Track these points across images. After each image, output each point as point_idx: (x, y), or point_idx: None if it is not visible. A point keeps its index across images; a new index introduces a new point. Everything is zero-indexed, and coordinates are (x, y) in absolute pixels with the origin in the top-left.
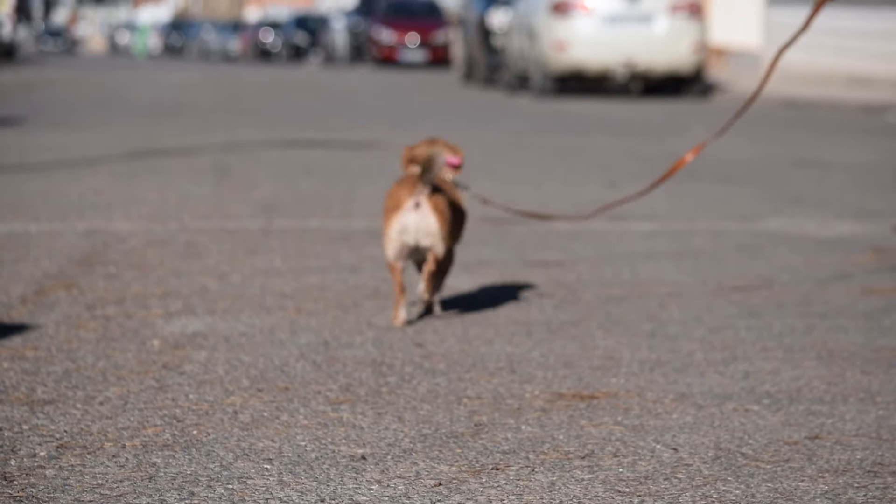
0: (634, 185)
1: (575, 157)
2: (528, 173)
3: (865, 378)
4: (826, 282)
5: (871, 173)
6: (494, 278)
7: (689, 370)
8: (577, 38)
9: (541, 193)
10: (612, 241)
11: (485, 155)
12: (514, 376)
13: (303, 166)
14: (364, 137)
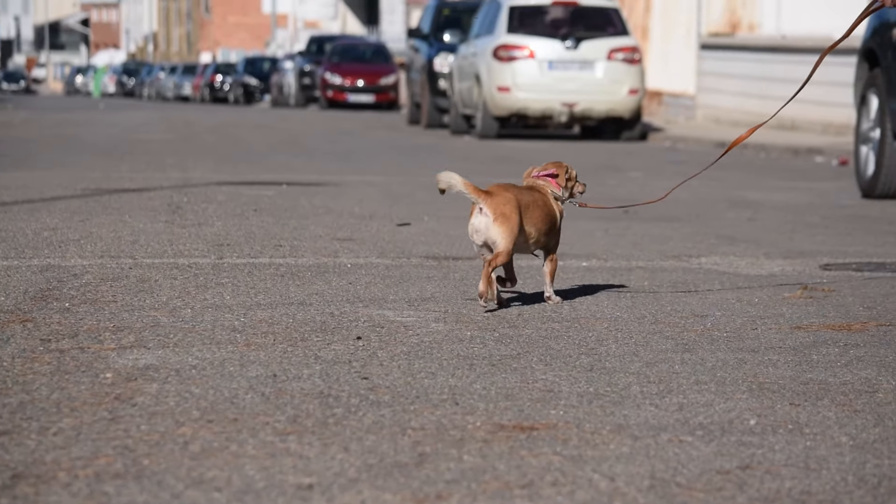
0: (573, 223)
1: None
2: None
3: (794, 410)
4: (757, 318)
5: (801, 213)
6: (438, 313)
7: (626, 402)
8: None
9: None
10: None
11: (429, 193)
12: (457, 408)
13: (253, 204)
14: (313, 177)
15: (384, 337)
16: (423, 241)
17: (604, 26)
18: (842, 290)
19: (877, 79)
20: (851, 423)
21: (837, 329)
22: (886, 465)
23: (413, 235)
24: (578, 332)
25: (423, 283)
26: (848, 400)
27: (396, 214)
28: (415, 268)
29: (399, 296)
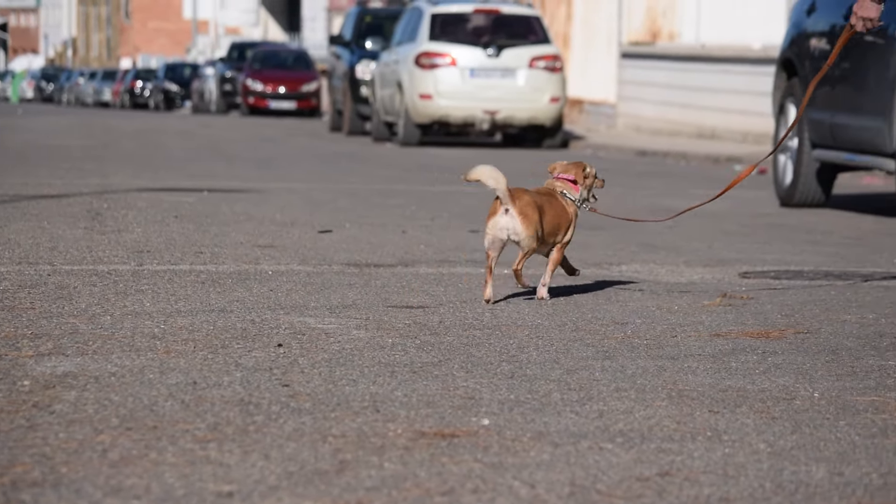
0: None
1: (438, 204)
2: (393, 219)
3: (713, 417)
4: (677, 325)
5: (720, 222)
6: (359, 320)
7: (547, 409)
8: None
9: (405, 239)
10: (474, 285)
11: (351, 201)
12: (378, 415)
13: (174, 211)
14: (234, 183)
15: (305, 344)
16: (345, 248)
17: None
18: (760, 297)
19: (795, 88)
20: (769, 430)
21: (756, 336)
22: (803, 471)
23: (334, 242)
24: (499, 340)
25: (345, 290)
26: (766, 407)
27: (318, 221)
28: (336, 275)
29: (320, 303)
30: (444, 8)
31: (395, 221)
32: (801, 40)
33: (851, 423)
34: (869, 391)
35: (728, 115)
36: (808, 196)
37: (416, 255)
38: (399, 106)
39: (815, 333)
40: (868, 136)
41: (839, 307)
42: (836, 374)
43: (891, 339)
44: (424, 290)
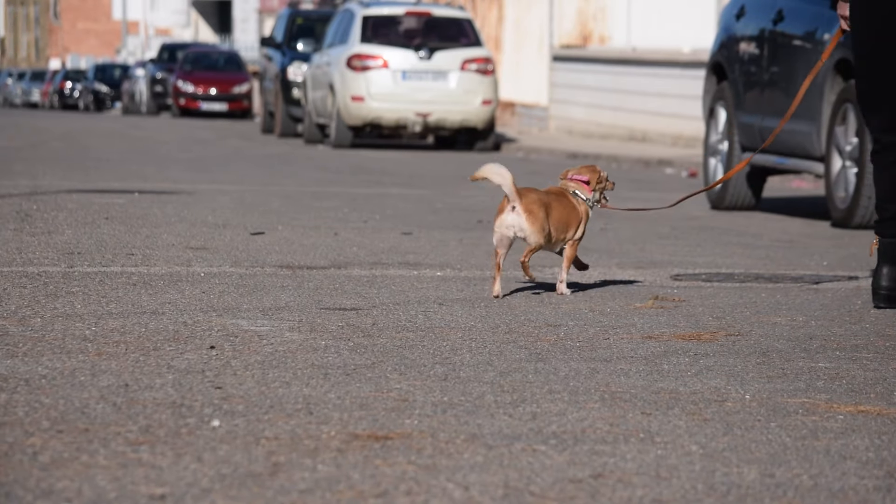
0: (429, 234)
1: (371, 206)
2: (326, 221)
3: (646, 419)
4: (609, 328)
5: (651, 224)
6: (292, 322)
7: (480, 412)
8: (374, 92)
9: (338, 241)
10: (407, 288)
11: (283, 202)
12: (311, 417)
13: (104, 213)
14: (165, 185)
15: (238, 346)
16: (278, 250)
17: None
18: (692, 300)
19: (724, 92)
20: (701, 432)
21: (687, 339)
22: (735, 473)
23: (267, 244)
24: (433, 342)
25: (278, 292)
26: (698, 409)
27: (250, 223)
28: (269, 277)
29: (253, 305)
30: (375, 10)
31: (327, 223)
32: (730, 44)
33: (782, 424)
34: (799, 393)
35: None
36: (739, 199)
37: (349, 257)
38: (331, 108)
39: (746, 335)
40: (797, 139)
41: (769, 309)
42: (766, 375)
43: (821, 341)
44: (357, 293)
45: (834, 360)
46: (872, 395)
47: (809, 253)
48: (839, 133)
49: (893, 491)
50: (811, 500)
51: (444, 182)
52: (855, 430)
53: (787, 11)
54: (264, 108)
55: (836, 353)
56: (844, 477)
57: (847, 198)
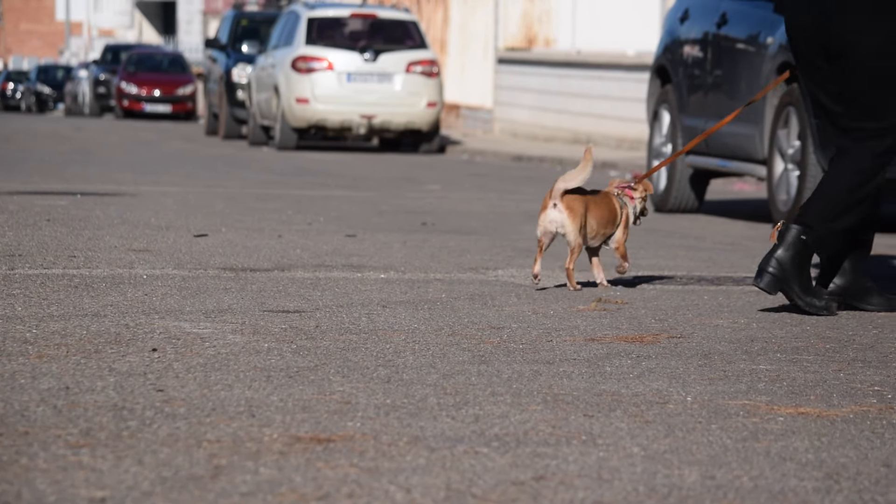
0: (373, 236)
1: (315, 209)
2: (270, 224)
3: (588, 421)
4: (552, 330)
5: None
6: (235, 325)
7: (423, 414)
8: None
9: (282, 244)
10: (350, 290)
11: (227, 204)
12: (254, 420)
13: (46, 214)
14: (108, 187)
15: (180, 349)
16: (221, 252)
17: (402, 39)
18: (634, 302)
19: (668, 95)
20: (643, 434)
21: (630, 341)
22: (676, 475)
23: (210, 247)
24: (376, 344)
25: (220, 294)
26: (640, 411)
27: (193, 225)
28: (212, 279)
29: (196, 307)
30: (320, 12)
31: (271, 226)
32: (674, 47)
33: (723, 426)
34: (740, 395)
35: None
36: (682, 201)
37: (293, 260)
38: (276, 110)
39: (688, 338)
40: (740, 142)
41: (711, 312)
42: (708, 378)
43: (762, 343)
44: (301, 295)
45: (775, 363)
46: (812, 397)
47: (752, 255)
48: (781, 136)
49: (833, 492)
50: (751, 502)
51: (388, 184)
52: (795, 431)
53: (730, 15)
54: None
55: (776, 356)
56: (784, 478)
57: (789, 200)
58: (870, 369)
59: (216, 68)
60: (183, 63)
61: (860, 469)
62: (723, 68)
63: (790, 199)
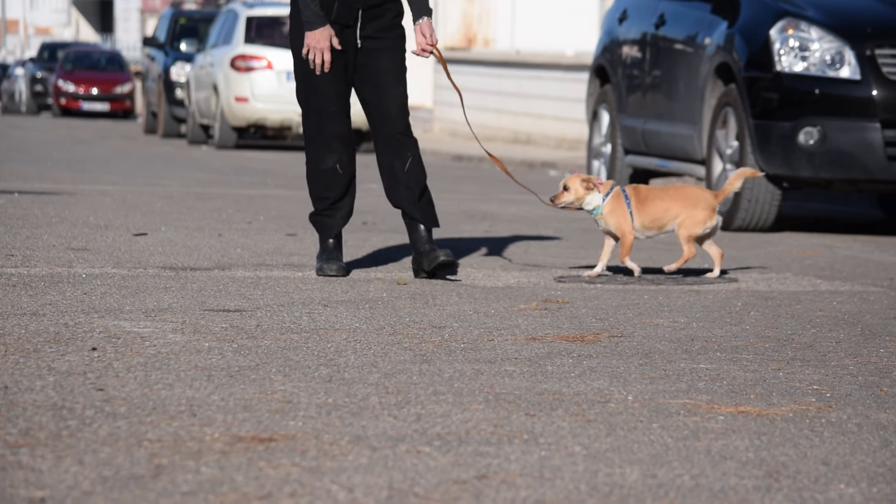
0: (313, 235)
1: (255, 207)
2: (209, 223)
3: (529, 420)
4: (494, 329)
5: (535, 226)
6: (175, 324)
7: (365, 413)
8: (258, 93)
9: (222, 242)
10: (291, 289)
11: (166, 203)
12: (195, 419)
13: None
14: (46, 185)
15: (120, 348)
16: (160, 251)
17: None
18: (575, 301)
19: (607, 95)
20: (584, 433)
21: (571, 340)
22: (618, 473)
23: (150, 245)
24: (317, 343)
25: (160, 293)
26: (581, 410)
27: (133, 224)
28: (152, 278)
29: (136, 306)
30: (259, 11)
31: (211, 224)
32: (613, 48)
33: (664, 425)
34: (681, 394)
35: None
36: None
37: (233, 259)
38: (215, 109)
39: (629, 337)
40: (679, 142)
41: (652, 311)
42: (649, 377)
43: (702, 342)
44: (241, 294)
45: (715, 362)
46: (752, 396)
47: None
48: (720, 136)
49: (772, 491)
50: (692, 501)
51: None
52: (735, 430)
53: (668, 15)
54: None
55: (716, 355)
56: (725, 477)
57: (728, 201)
58: (808, 368)
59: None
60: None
61: (800, 467)
62: (661, 68)
63: (728, 199)
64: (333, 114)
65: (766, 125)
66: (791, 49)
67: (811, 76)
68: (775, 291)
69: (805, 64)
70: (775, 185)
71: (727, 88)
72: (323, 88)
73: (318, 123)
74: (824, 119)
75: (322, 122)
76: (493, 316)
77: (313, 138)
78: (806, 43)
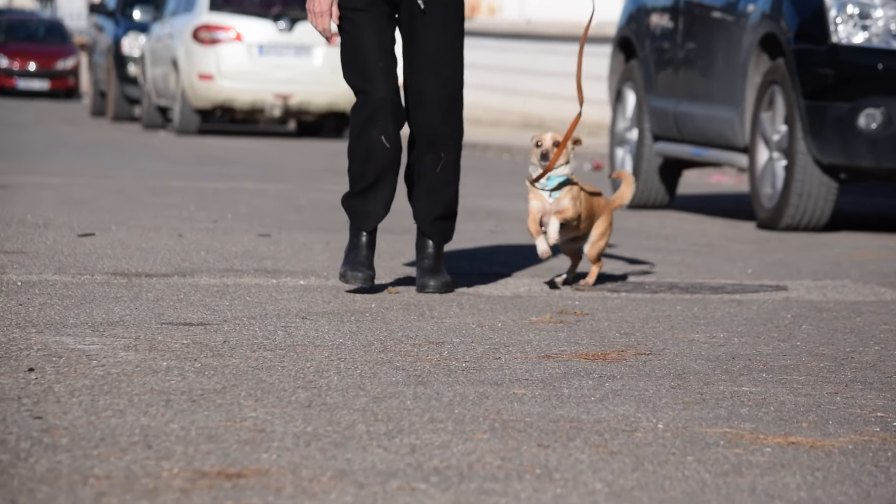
0: (290, 236)
1: (221, 204)
2: (168, 221)
3: (542, 452)
4: (500, 346)
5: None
6: (128, 340)
7: (350, 444)
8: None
9: (183, 244)
10: (264, 299)
11: (117, 199)
12: (150, 452)
13: None
14: None
15: (62, 368)
16: (111, 254)
17: None
18: (596, 313)
19: (633, 72)
20: (607, 468)
21: (591, 358)
22: None
23: (98, 248)
24: (294, 362)
25: (110, 304)
26: (603, 440)
27: (78, 223)
28: (100, 286)
29: (81, 319)
30: None
31: (170, 223)
32: (640, 17)
33: (700, 458)
34: (720, 421)
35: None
36: (650, 196)
37: (196, 263)
38: (174, 88)
39: (659, 355)
40: (717, 127)
41: (686, 324)
42: (682, 401)
43: (745, 361)
44: (206, 305)
45: (760, 384)
46: (804, 425)
47: (732, 259)
48: (765, 120)
49: None
50: None
51: (307, 175)
52: (784, 465)
53: None
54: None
55: (762, 376)
56: None
57: (775, 195)
58: (871, 392)
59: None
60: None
61: None
62: (697, 40)
63: (776, 193)
64: (381, 70)
65: (820, 106)
66: (849, 17)
67: (873, 49)
68: (831, 301)
69: (866, 34)
70: (831, 177)
71: (774, 63)
72: (367, 44)
73: (362, 87)
74: (888, 99)
75: (366, 84)
76: (499, 330)
77: (357, 106)
78: (867, 10)
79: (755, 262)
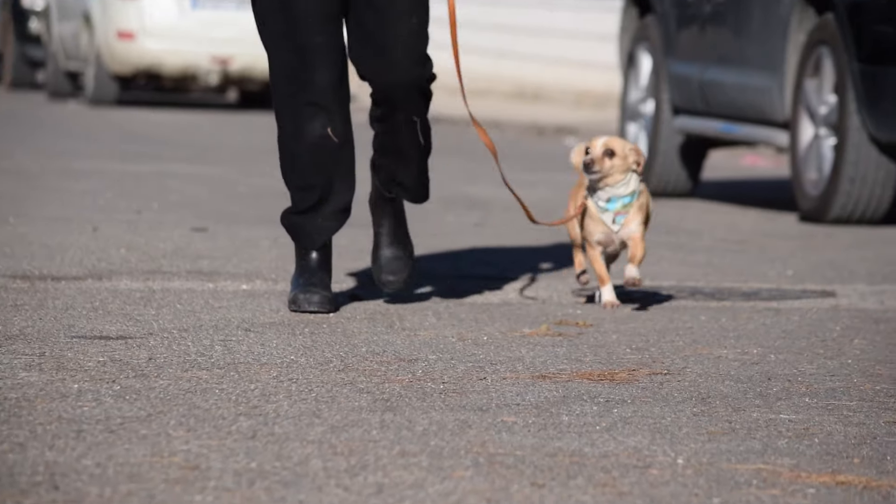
0: (230, 230)
1: (146, 191)
2: (80, 211)
3: (537, 493)
4: (486, 363)
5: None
6: (30, 357)
7: (303, 483)
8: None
9: (98, 240)
10: (199, 307)
11: (16, 184)
12: (57, 494)
13: None
14: None
15: None
16: (8, 252)
17: None
18: (602, 324)
19: (649, 30)
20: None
21: (596, 379)
22: None
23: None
24: (236, 384)
25: (8, 313)
26: (611, 478)
27: None
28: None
29: None
30: None
31: (82, 214)
32: None
33: (729, 501)
34: (753, 456)
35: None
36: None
37: (115, 264)
38: (87, 49)
39: (679, 375)
40: (751, 98)
41: (711, 338)
42: (707, 431)
43: (783, 382)
44: (127, 314)
45: (802, 411)
46: (856, 461)
47: (768, 258)
48: (810, 88)
49: None
50: None
51: (250, 156)
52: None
53: None
54: None
55: (804, 401)
56: None
57: (821, 180)
58: None
59: None
60: None
61: None
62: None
63: (823, 179)
64: (320, 47)
65: (878, 72)
66: None
67: None
68: (889, 311)
69: None
70: (890, 159)
71: (821, 20)
72: (300, 10)
73: (293, 67)
74: None
75: (301, 65)
76: (485, 344)
77: (287, 94)
78: None
79: (797, 263)
